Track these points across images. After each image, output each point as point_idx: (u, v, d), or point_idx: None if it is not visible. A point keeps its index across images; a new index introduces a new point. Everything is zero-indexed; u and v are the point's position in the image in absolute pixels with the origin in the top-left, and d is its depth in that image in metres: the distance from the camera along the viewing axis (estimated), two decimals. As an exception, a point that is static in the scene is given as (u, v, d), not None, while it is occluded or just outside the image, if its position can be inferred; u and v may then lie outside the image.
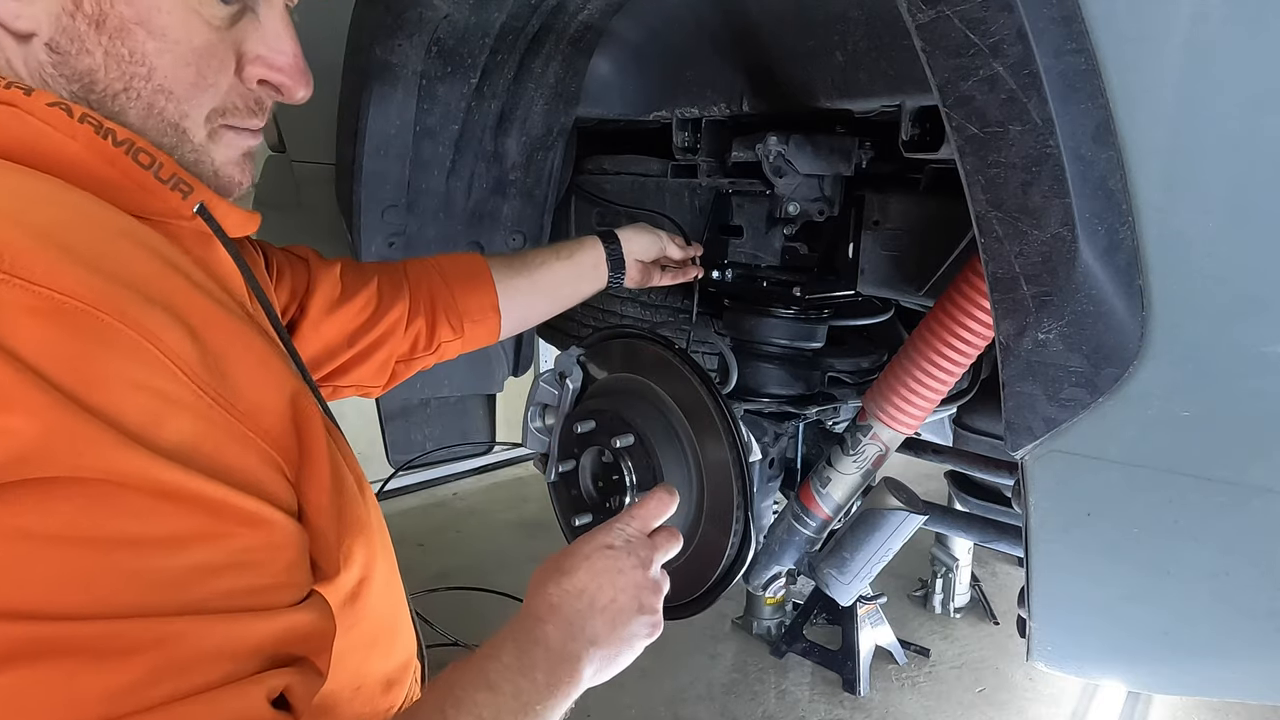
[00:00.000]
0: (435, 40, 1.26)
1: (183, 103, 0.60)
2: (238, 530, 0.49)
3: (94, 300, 0.46)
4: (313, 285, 0.97)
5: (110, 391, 0.45)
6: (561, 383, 1.22)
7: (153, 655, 0.43)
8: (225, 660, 0.47)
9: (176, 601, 0.45)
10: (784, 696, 2.77)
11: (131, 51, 0.57)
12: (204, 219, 0.61)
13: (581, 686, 0.67)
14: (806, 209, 1.23)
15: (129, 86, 0.58)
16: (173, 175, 0.59)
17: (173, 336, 0.49)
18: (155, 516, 0.45)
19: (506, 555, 3.73)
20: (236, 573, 0.49)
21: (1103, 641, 0.87)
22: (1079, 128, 0.62)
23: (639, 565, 0.73)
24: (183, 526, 0.47)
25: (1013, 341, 0.71)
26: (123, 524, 0.44)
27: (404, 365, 1.09)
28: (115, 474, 0.44)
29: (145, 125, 0.60)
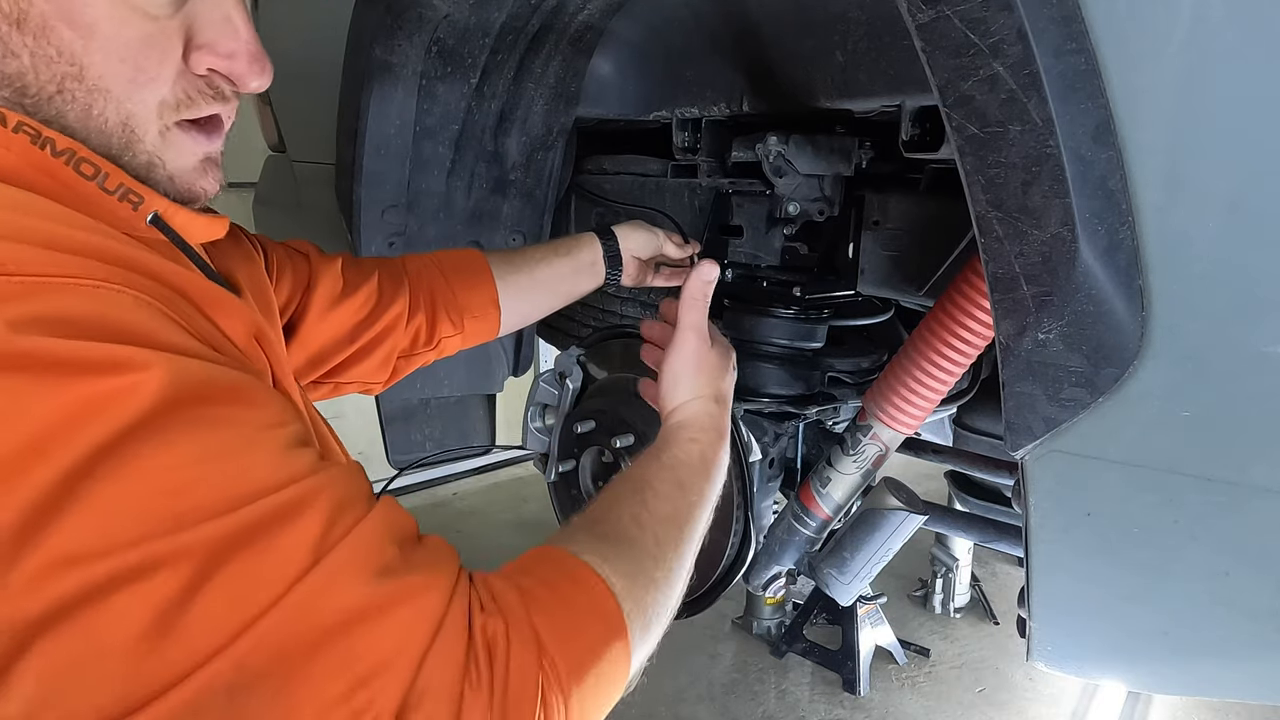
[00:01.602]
0: (435, 40, 1.26)
1: (123, 101, 0.56)
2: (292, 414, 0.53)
3: (99, 277, 0.48)
4: (314, 281, 0.97)
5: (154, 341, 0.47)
6: (561, 383, 1.22)
7: (319, 505, 0.48)
8: (360, 498, 0.51)
9: (308, 463, 0.50)
10: (784, 696, 2.77)
11: (59, 50, 0.53)
12: (160, 228, 0.59)
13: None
14: (806, 209, 1.23)
15: (62, 88, 0.54)
16: (120, 186, 0.56)
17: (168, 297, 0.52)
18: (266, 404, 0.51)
19: (506, 555, 3.70)
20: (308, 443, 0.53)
21: (1103, 641, 0.87)
22: (1079, 128, 0.62)
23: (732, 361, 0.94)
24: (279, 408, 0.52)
25: (1013, 341, 0.71)
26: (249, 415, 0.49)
27: (405, 361, 1.09)
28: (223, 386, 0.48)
29: (87, 128, 0.56)
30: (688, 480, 0.77)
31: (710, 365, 0.88)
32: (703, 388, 0.87)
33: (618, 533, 0.65)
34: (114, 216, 0.56)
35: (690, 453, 0.80)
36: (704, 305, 0.90)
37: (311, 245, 1.01)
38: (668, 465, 0.77)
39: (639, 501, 0.70)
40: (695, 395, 0.87)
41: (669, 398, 0.87)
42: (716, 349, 0.90)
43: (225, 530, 0.43)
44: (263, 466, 0.47)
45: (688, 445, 0.81)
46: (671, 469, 0.77)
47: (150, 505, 0.42)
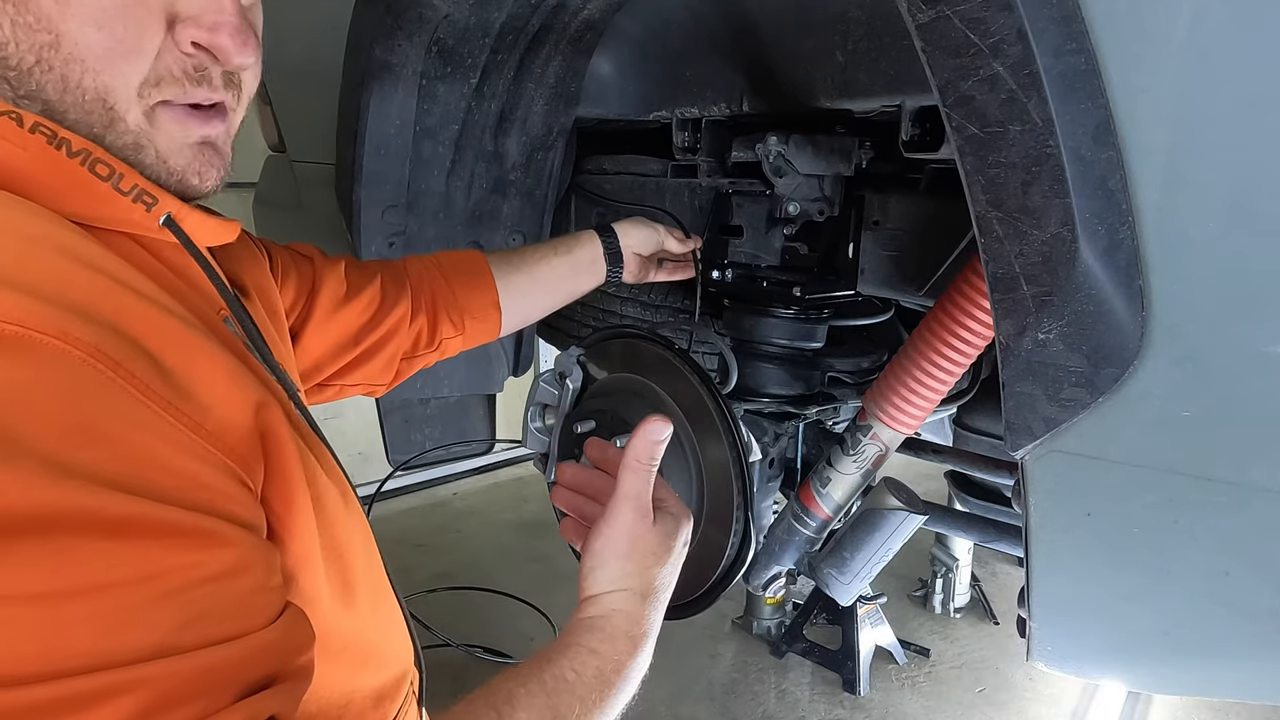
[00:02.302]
0: (435, 40, 1.26)
1: (100, 74, 0.53)
2: (200, 556, 0.45)
3: (32, 322, 0.42)
4: (318, 284, 0.97)
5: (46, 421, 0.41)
6: (561, 383, 1.22)
7: (112, 709, 0.40)
8: (199, 698, 0.43)
9: (142, 644, 0.41)
10: (784, 696, 2.77)
11: (37, 17, 0.51)
12: (172, 230, 0.57)
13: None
14: (806, 209, 1.23)
15: (40, 58, 0.52)
16: (134, 187, 0.54)
17: (121, 353, 0.45)
18: (109, 558, 0.41)
19: (506, 555, 3.73)
20: (201, 600, 0.45)
21: (1103, 641, 0.87)
22: (1079, 128, 0.62)
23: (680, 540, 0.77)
24: (139, 563, 0.42)
25: (1013, 341, 0.71)
26: (75, 573, 0.40)
27: (407, 363, 1.09)
28: (56, 518, 0.39)
29: (64, 101, 0.53)
30: (567, 711, 0.62)
31: (645, 550, 0.72)
32: (629, 578, 0.71)
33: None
34: (127, 217, 0.55)
35: (583, 670, 0.65)
36: (649, 470, 0.73)
37: (315, 248, 1.01)
38: (549, 687, 0.63)
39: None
40: (618, 587, 0.71)
41: (587, 583, 0.72)
42: (659, 527, 0.73)
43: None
44: (85, 631, 0.40)
45: (584, 659, 0.66)
46: (552, 694, 0.62)
47: None
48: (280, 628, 0.50)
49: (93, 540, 0.40)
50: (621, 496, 0.72)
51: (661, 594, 0.74)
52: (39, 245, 0.47)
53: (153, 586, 0.42)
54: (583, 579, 0.73)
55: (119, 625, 0.41)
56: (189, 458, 0.47)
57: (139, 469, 0.44)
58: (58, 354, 0.42)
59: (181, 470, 0.46)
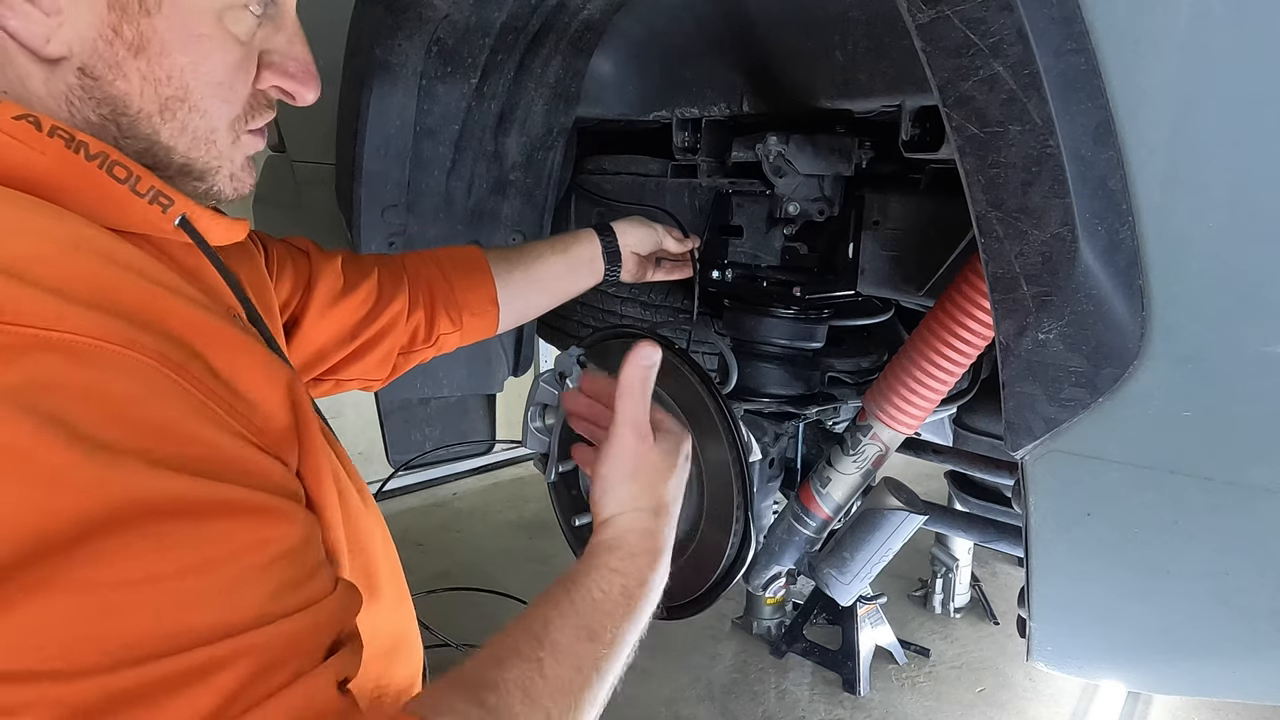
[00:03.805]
0: (435, 40, 1.26)
1: (212, 118, 0.61)
2: (279, 531, 0.49)
3: (99, 333, 0.45)
4: (314, 278, 0.97)
5: (133, 423, 0.44)
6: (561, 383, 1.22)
7: (231, 674, 0.44)
8: (296, 659, 0.47)
9: (244, 615, 0.45)
10: (784, 696, 2.77)
11: (169, 75, 0.57)
12: (186, 231, 0.60)
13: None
14: (806, 209, 1.23)
15: (164, 108, 0.58)
16: (150, 189, 0.57)
17: (181, 356, 0.48)
18: (205, 539, 0.45)
19: (506, 555, 3.73)
20: (282, 571, 0.49)
21: (1103, 641, 0.87)
22: (1079, 128, 0.62)
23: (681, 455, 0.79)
24: (230, 541, 0.46)
25: (1013, 341, 0.71)
26: (179, 556, 0.44)
27: (404, 358, 1.10)
28: (155, 507, 0.43)
29: (176, 143, 0.60)
30: (600, 627, 0.65)
31: (649, 469, 0.75)
32: (638, 497, 0.75)
33: (501, 705, 0.55)
34: (144, 218, 0.57)
35: (609, 588, 0.69)
36: (643, 395, 0.75)
37: (311, 242, 1.01)
38: (579, 608, 0.66)
39: (533, 664, 0.59)
40: (628, 507, 0.75)
41: (599, 507, 0.75)
42: (659, 446, 0.76)
43: (110, 688, 0.40)
44: (192, 610, 0.44)
45: (608, 578, 0.69)
46: (582, 613, 0.65)
47: (49, 634, 0.40)
48: (340, 595, 0.54)
49: (188, 524, 0.44)
50: (620, 422, 0.75)
51: (672, 507, 0.78)
52: (81, 253, 0.49)
53: (244, 561, 0.47)
54: (594, 505, 0.76)
55: (223, 600, 0.45)
56: (248, 447, 0.51)
57: (216, 458, 0.48)
58: (130, 363, 0.46)
59: (246, 458, 0.50)
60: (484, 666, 0.58)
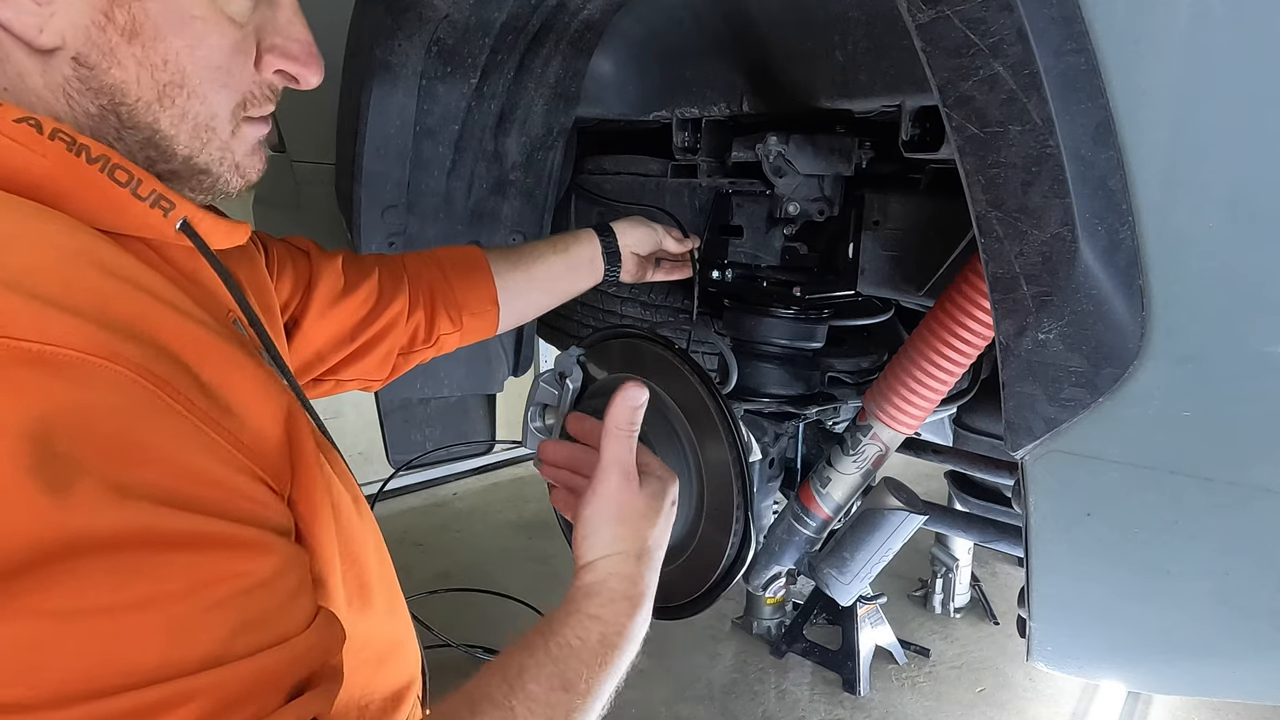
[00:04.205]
0: (435, 40, 1.26)
1: (212, 104, 0.59)
2: (248, 565, 0.47)
3: (85, 346, 0.43)
4: (315, 278, 0.97)
5: (107, 444, 0.43)
6: (561, 383, 1.22)
7: (181, 715, 0.42)
8: (253, 701, 0.45)
9: (200, 653, 0.44)
10: (784, 696, 2.77)
11: (165, 60, 0.56)
12: (188, 235, 0.59)
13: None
14: (806, 209, 1.23)
15: (163, 95, 0.57)
16: (152, 192, 0.56)
17: (167, 371, 0.47)
18: (166, 570, 0.43)
19: (506, 555, 3.73)
20: (247, 607, 0.47)
21: (1103, 641, 0.87)
22: (1079, 128, 0.62)
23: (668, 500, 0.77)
24: (193, 574, 0.44)
25: (1013, 341, 0.71)
26: (135, 587, 0.42)
27: (404, 358, 1.09)
28: (117, 536, 0.42)
29: (176, 130, 0.58)
30: (576, 676, 0.64)
31: (635, 513, 0.73)
32: (622, 541, 0.73)
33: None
34: (144, 222, 0.56)
35: (588, 635, 0.67)
36: (630, 436, 0.74)
37: (311, 243, 1.01)
38: (555, 656, 0.64)
39: (506, 711, 0.58)
40: (612, 551, 0.73)
41: (581, 550, 0.73)
42: (646, 490, 0.75)
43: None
44: (148, 644, 0.42)
45: (586, 625, 0.68)
46: (559, 661, 0.64)
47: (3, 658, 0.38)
48: (316, 630, 0.52)
49: (150, 555, 0.42)
50: (606, 464, 0.73)
51: (655, 553, 0.76)
52: (78, 262, 0.48)
53: (206, 596, 0.44)
54: (576, 547, 0.74)
55: (178, 636, 0.43)
56: (231, 470, 0.49)
57: (189, 484, 0.46)
58: (111, 376, 0.44)
59: (226, 483, 0.48)
60: (456, 711, 0.58)
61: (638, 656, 0.72)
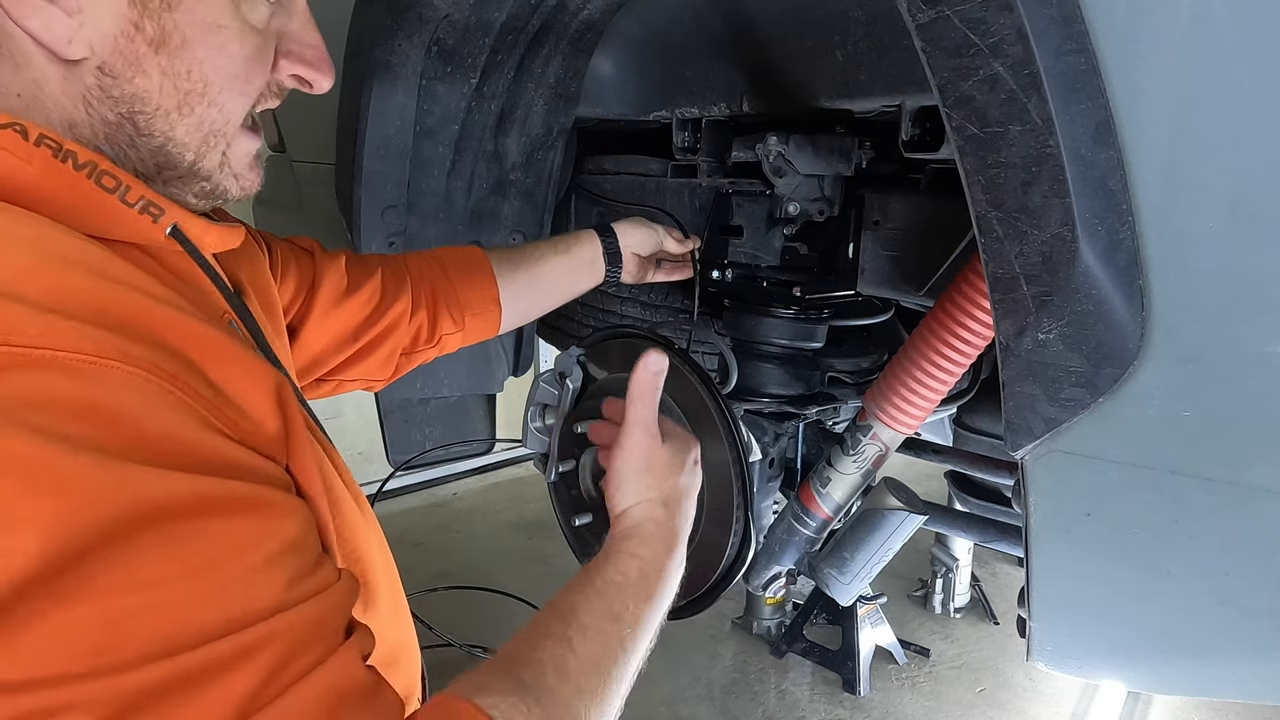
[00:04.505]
0: (435, 40, 1.26)
1: (227, 111, 0.60)
2: (283, 525, 0.50)
3: (93, 349, 0.44)
4: (318, 278, 0.97)
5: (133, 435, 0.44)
6: (561, 383, 1.22)
7: (266, 656, 0.45)
8: (319, 642, 0.48)
9: (266, 604, 0.46)
10: (784, 696, 2.77)
11: (189, 69, 0.57)
12: (179, 240, 0.59)
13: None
14: (806, 209, 1.23)
15: (183, 104, 0.57)
16: (140, 199, 0.56)
17: (173, 366, 0.48)
18: (220, 536, 0.46)
19: (506, 555, 3.73)
20: (292, 560, 0.49)
21: (1103, 641, 0.87)
22: (1079, 128, 0.62)
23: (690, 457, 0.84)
24: (244, 535, 0.47)
25: (1013, 341, 0.71)
26: (197, 554, 0.44)
27: (406, 358, 1.10)
28: (168, 507, 0.44)
29: (191, 137, 0.59)
30: (622, 608, 0.69)
31: (660, 464, 0.80)
32: (649, 489, 0.79)
33: (537, 682, 0.58)
34: (134, 228, 0.56)
35: (629, 571, 0.73)
36: (653, 398, 0.80)
37: (315, 242, 1.02)
38: (602, 591, 0.70)
39: (564, 643, 0.63)
40: (641, 498, 0.79)
41: (614, 501, 0.80)
42: (669, 445, 0.81)
43: (148, 680, 0.41)
44: (216, 603, 0.44)
45: (627, 562, 0.74)
46: (605, 596, 0.69)
47: (81, 638, 0.40)
48: (345, 582, 0.55)
49: (204, 521, 0.45)
50: (630, 423, 0.80)
51: (685, 499, 0.82)
52: (69, 267, 0.48)
53: (260, 551, 0.47)
54: (610, 500, 0.81)
55: (246, 589, 0.46)
56: (244, 450, 0.51)
57: (215, 460, 0.48)
58: (125, 377, 0.45)
59: (244, 460, 0.51)
60: (518, 648, 0.61)
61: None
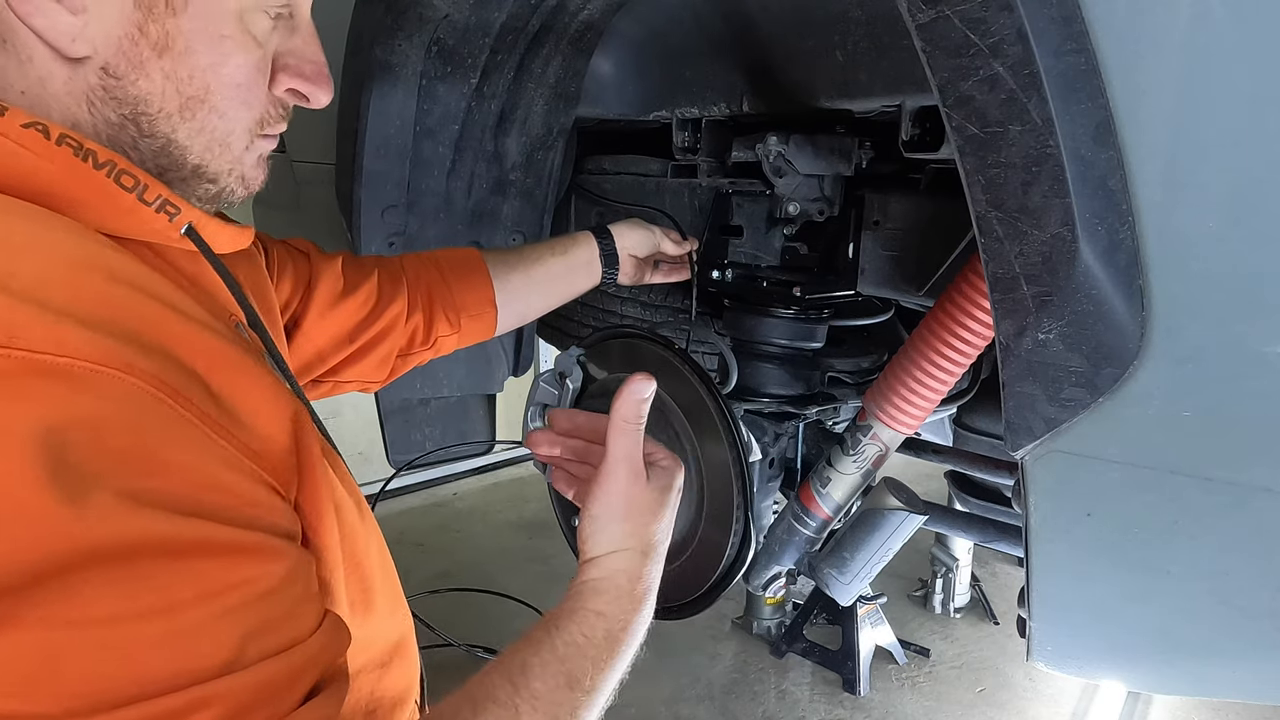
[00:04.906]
0: (435, 40, 1.26)
1: (230, 120, 0.61)
2: (257, 571, 0.48)
3: (99, 357, 0.44)
4: (315, 280, 0.97)
5: (122, 454, 0.43)
6: (561, 383, 1.22)
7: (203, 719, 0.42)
8: (266, 707, 0.46)
9: (213, 661, 0.44)
10: (784, 696, 2.77)
11: (191, 75, 0.57)
12: (193, 240, 0.60)
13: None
14: (806, 209, 1.23)
15: (184, 108, 0.58)
16: (158, 198, 0.57)
17: (179, 380, 0.47)
18: (178, 578, 0.44)
19: (506, 555, 3.73)
20: (258, 613, 0.47)
21: (1103, 641, 0.87)
22: (1079, 128, 0.62)
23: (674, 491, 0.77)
24: (205, 581, 0.45)
25: (1013, 341, 0.71)
26: (148, 596, 0.42)
27: (402, 360, 1.10)
28: (130, 546, 0.42)
29: (193, 142, 0.60)
30: (582, 673, 0.64)
31: (641, 508, 0.73)
32: (629, 537, 0.72)
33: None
34: (150, 227, 0.57)
35: (593, 633, 0.67)
36: (637, 430, 0.73)
37: (311, 244, 1.02)
38: (562, 655, 0.64)
39: (510, 712, 0.58)
40: (618, 547, 0.72)
41: (588, 546, 0.73)
42: (653, 484, 0.74)
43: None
44: (162, 651, 0.42)
45: (592, 621, 0.68)
46: (564, 660, 0.64)
47: (16, 665, 0.39)
48: (324, 633, 0.52)
49: (163, 563, 0.43)
50: (614, 459, 0.73)
51: (659, 549, 0.75)
52: (87, 271, 0.49)
53: (217, 604, 0.45)
54: (582, 542, 0.73)
55: (192, 644, 0.43)
56: (241, 476, 0.49)
57: (200, 492, 0.46)
58: (125, 388, 0.45)
59: (236, 490, 0.49)
60: (459, 710, 0.57)
61: (639, 651, 0.72)
